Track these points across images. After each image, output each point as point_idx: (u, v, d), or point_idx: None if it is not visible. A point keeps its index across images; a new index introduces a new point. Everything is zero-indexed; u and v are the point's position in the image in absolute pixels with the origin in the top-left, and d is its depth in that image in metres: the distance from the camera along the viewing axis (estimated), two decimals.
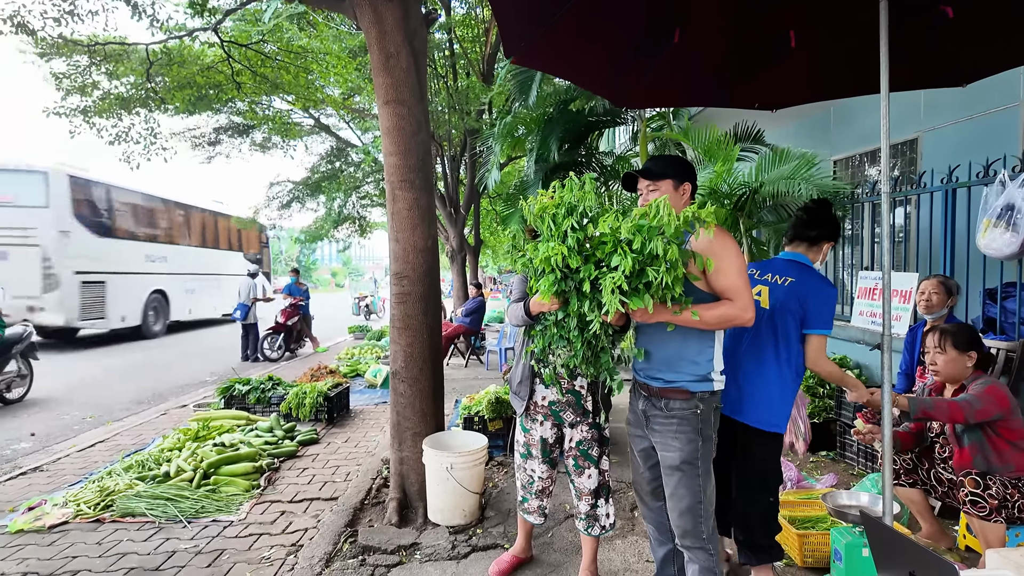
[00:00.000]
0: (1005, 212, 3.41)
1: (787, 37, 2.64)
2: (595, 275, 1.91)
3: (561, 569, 2.93)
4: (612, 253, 1.88)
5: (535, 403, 2.72)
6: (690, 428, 2.11)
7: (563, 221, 1.98)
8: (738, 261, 2.09)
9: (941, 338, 2.82)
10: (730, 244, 2.12)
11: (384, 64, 3.44)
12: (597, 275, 1.91)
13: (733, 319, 2.06)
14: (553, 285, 1.98)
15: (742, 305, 2.05)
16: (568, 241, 1.94)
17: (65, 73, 8.37)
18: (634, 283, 1.88)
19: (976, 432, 2.71)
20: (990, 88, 3.46)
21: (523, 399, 2.74)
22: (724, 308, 2.05)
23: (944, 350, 2.80)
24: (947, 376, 2.85)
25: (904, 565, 1.50)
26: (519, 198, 7.72)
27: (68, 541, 3.36)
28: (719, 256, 2.06)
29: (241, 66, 8.23)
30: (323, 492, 4.06)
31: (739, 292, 2.06)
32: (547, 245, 1.98)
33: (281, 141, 12.19)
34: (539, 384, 2.71)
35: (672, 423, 2.14)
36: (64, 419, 6.45)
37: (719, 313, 2.04)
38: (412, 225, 3.52)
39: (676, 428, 2.13)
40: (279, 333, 10.65)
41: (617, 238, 1.90)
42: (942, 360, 2.81)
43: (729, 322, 2.07)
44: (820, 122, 6.61)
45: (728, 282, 2.07)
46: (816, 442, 4.64)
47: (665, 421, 2.16)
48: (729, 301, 2.06)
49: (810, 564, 2.87)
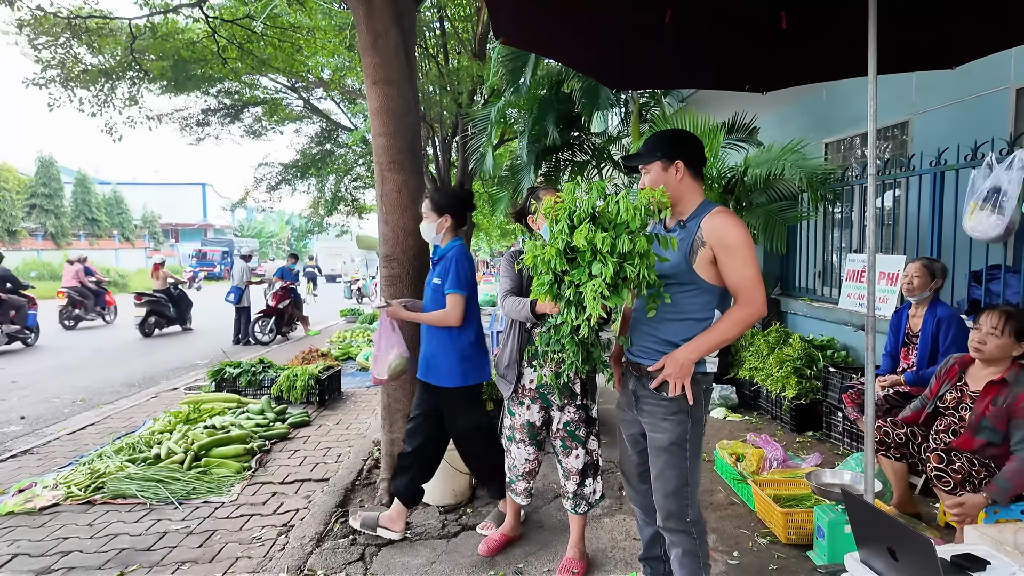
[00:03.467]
0: (992, 195, 3.43)
1: (778, 18, 2.63)
2: (578, 282, 1.91)
3: (550, 547, 2.98)
4: (592, 261, 1.88)
5: (523, 386, 2.74)
6: (679, 409, 2.06)
7: (559, 225, 1.96)
8: (743, 253, 1.97)
9: (1004, 322, 2.68)
10: (734, 234, 1.98)
11: (372, 43, 3.39)
12: (578, 283, 1.90)
13: (748, 321, 1.99)
14: (544, 287, 1.99)
15: (747, 301, 1.97)
16: (559, 245, 1.93)
17: (45, 45, 8.17)
18: (614, 282, 1.87)
19: (999, 434, 2.64)
20: (980, 71, 3.46)
21: (510, 382, 2.75)
22: (736, 316, 1.98)
23: (1002, 334, 2.67)
24: (990, 357, 2.72)
25: (883, 541, 1.53)
26: (511, 180, 7.71)
27: (59, 523, 3.37)
28: (720, 248, 1.97)
29: (227, 42, 8.08)
30: (314, 473, 4.09)
31: (743, 289, 1.97)
32: (535, 246, 2.00)
33: (271, 126, 12.01)
34: (527, 367, 2.72)
35: (662, 404, 2.08)
36: (54, 402, 6.44)
37: (733, 323, 1.98)
38: (402, 207, 3.50)
39: (665, 409, 2.08)
40: (270, 316, 10.63)
41: (595, 247, 1.88)
42: (994, 343, 2.68)
43: (747, 325, 2.01)
44: (812, 104, 6.59)
45: (735, 278, 1.98)
46: (802, 422, 4.70)
47: (655, 401, 2.10)
48: (737, 305, 1.99)
49: (794, 541, 2.92)
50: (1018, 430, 2.55)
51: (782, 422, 4.90)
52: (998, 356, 2.71)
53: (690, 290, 2.03)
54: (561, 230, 1.94)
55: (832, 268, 5.93)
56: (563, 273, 1.95)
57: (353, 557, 2.90)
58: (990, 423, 2.65)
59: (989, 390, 2.69)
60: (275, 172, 13.10)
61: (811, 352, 5.09)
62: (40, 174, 32.87)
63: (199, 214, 50.21)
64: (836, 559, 2.63)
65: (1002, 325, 2.67)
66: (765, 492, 3.16)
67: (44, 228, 33.25)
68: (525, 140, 6.99)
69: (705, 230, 2.00)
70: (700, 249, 2.00)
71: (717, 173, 5.69)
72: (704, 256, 1.99)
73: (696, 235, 2.01)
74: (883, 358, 3.90)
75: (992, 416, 2.65)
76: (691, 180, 2.10)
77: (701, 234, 2.00)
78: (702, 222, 2.02)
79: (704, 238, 2.00)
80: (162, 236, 43.82)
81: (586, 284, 1.87)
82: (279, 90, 11.22)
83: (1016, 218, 3.36)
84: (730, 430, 4.85)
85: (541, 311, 2.38)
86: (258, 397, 5.75)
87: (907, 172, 4.52)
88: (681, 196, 2.09)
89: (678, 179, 2.08)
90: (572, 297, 1.94)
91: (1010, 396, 2.61)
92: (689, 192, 2.10)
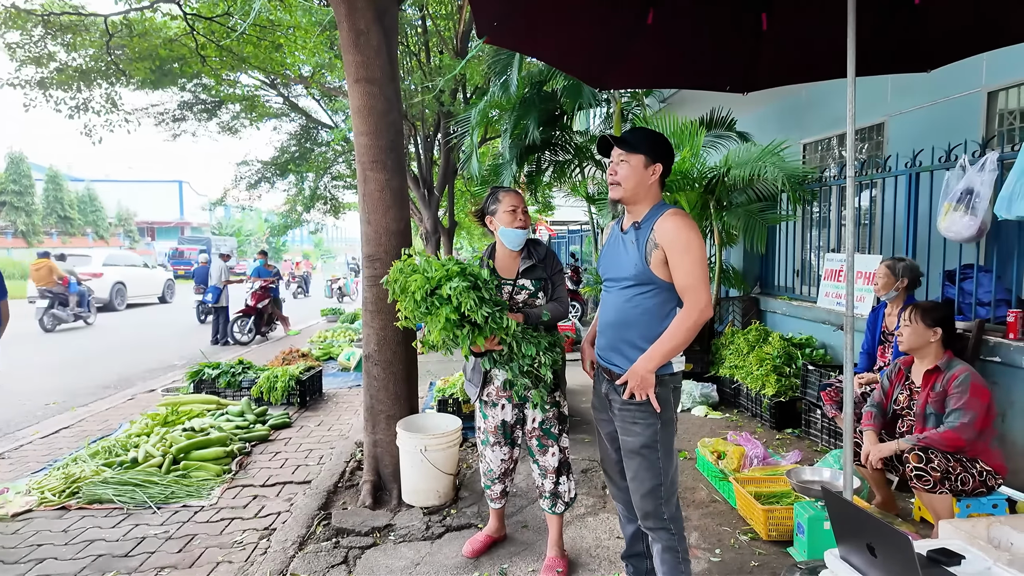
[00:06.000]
0: (965, 196, 3.51)
1: (759, 20, 2.66)
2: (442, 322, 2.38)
3: (534, 547, 2.98)
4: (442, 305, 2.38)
5: (494, 388, 2.72)
6: (648, 412, 2.09)
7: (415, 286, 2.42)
8: (691, 255, 2.02)
9: (912, 311, 2.96)
10: (683, 236, 2.03)
11: (354, 42, 3.36)
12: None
13: (693, 325, 2.02)
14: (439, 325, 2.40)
15: (692, 304, 2.02)
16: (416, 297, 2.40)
17: (19, 43, 7.99)
18: (469, 318, 2.36)
19: (942, 417, 2.81)
20: (954, 74, 3.54)
21: (476, 386, 2.74)
22: (682, 322, 2.02)
23: (911, 322, 2.94)
24: (909, 347, 2.98)
25: (862, 537, 1.55)
26: (494, 179, 7.70)
27: (32, 529, 3.29)
28: (670, 249, 2.03)
29: (205, 39, 7.95)
30: (296, 476, 4.04)
31: (689, 290, 2.02)
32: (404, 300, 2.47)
33: (249, 123, 11.83)
34: (495, 369, 2.69)
35: (631, 407, 2.12)
36: (26, 404, 6.28)
37: (681, 330, 2.02)
38: (384, 207, 3.48)
39: (635, 413, 2.11)
40: (249, 316, 10.47)
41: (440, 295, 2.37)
42: (908, 332, 2.95)
43: (693, 328, 2.03)
44: (792, 105, 6.68)
45: (683, 279, 2.03)
46: (781, 420, 4.77)
47: (624, 405, 2.14)
48: (683, 310, 2.04)
49: (774, 537, 2.96)
50: (948, 407, 2.78)
51: (762, 419, 4.96)
52: (917, 344, 2.95)
53: (649, 290, 2.09)
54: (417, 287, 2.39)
55: (810, 267, 6.02)
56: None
57: (336, 560, 2.88)
58: (933, 409, 2.86)
59: (927, 379, 2.93)
60: (254, 170, 12.92)
61: (790, 350, 5.16)
62: (10, 171, 32.01)
63: (176, 212, 49.33)
64: (816, 555, 2.67)
65: (910, 315, 2.96)
66: (746, 489, 3.19)
67: (14, 226, 32.43)
68: (508, 139, 6.99)
69: (658, 231, 2.06)
70: (654, 251, 2.07)
71: (698, 173, 5.74)
72: (658, 257, 2.06)
73: (650, 236, 2.08)
74: (860, 356, 3.96)
75: (933, 402, 2.85)
76: (657, 186, 2.18)
77: (654, 235, 2.07)
78: (655, 223, 2.08)
79: (656, 239, 2.06)
80: (137, 234, 42.98)
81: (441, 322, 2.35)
82: (258, 87, 11.06)
83: (988, 219, 3.44)
84: (711, 428, 4.90)
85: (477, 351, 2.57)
86: (238, 399, 5.68)
87: (883, 173, 4.60)
88: (644, 197, 2.16)
89: (651, 180, 2.15)
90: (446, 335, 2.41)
91: (944, 379, 2.86)
92: (651, 195, 2.17)
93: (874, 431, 3.04)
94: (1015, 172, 3.07)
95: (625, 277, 2.14)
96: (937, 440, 2.71)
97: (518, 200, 2.70)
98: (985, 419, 2.73)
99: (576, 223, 17.39)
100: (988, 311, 3.70)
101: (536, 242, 2.80)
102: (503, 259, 2.74)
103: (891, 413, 3.15)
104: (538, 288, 2.70)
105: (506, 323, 2.42)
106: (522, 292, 2.68)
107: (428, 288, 2.38)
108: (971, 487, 2.69)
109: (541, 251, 2.77)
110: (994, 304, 3.66)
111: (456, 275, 2.39)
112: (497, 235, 2.71)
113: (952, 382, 2.80)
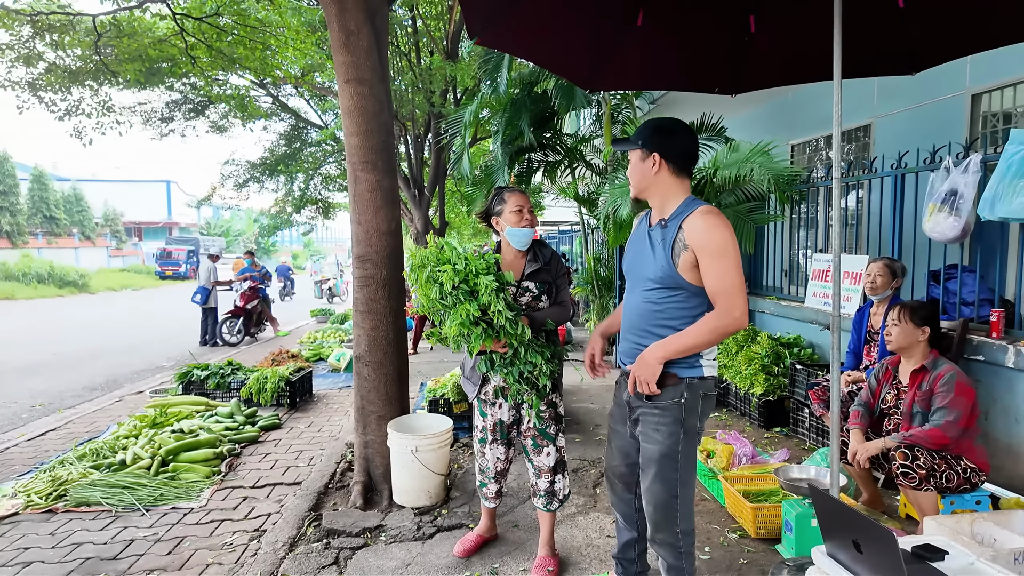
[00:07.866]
0: (949, 197, 3.56)
1: (747, 22, 2.69)
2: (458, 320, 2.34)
3: (525, 546, 2.99)
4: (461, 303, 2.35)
5: (493, 387, 2.73)
6: (671, 419, 1.94)
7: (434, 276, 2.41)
8: (726, 258, 1.84)
9: (900, 311, 2.99)
10: (717, 237, 1.84)
11: (344, 42, 3.36)
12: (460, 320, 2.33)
13: (723, 329, 1.85)
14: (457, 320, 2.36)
15: (725, 309, 1.84)
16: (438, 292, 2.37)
17: (8, 44, 7.91)
18: (486, 317, 2.36)
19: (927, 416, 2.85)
20: (938, 77, 3.58)
21: (475, 384, 2.74)
22: (712, 323, 1.85)
23: (900, 322, 2.97)
24: (898, 346, 3.01)
25: (848, 533, 1.58)
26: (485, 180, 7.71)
27: (19, 532, 3.26)
28: (701, 251, 1.85)
29: (195, 40, 7.90)
30: (286, 477, 4.03)
31: (723, 296, 1.84)
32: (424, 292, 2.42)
33: (238, 123, 11.77)
34: (490, 372, 2.67)
35: (654, 413, 1.97)
36: (12, 407, 6.21)
37: (709, 330, 1.85)
38: (375, 207, 3.48)
39: (658, 419, 1.96)
40: (238, 317, 10.41)
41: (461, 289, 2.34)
42: (896, 331, 2.98)
43: (723, 334, 1.87)
44: (779, 107, 6.74)
45: (715, 284, 1.85)
46: (770, 418, 4.81)
47: (648, 411, 1.99)
48: (715, 313, 1.86)
49: (763, 535, 2.99)
50: (934, 405, 2.82)
51: (751, 418, 5.01)
52: (906, 343, 2.98)
53: (677, 295, 1.93)
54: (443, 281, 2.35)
55: (798, 267, 6.07)
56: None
57: (327, 561, 2.87)
58: (919, 408, 2.89)
59: (914, 379, 2.96)
60: (243, 169, 12.84)
61: (778, 350, 5.21)
62: None
63: (163, 212, 48.88)
64: (804, 552, 2.70)
65: (899, 314, 2.99)
66: (735, 487, 3.22)
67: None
68: (499, 140, 7.00)
69: (687, 231, 1.88)
70: (683, 252, 1.88)
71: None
72: (687, 259, 1.87)
73: (678, 236, 1.90)
74: (846, 355, 4.01)
75: (920, 401, 2.89)
76: (670, 175, 1.97)
77: (683, 235, 1.88)
78: (683, 222, 1.90)
79: (686, 240, 1.87)
80: (125, 234, 42.55)
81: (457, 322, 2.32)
82: (248, 87, 11.00)
83: (972, 220, 3.48)
84: None
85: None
86: (227, 400, 5.64)
87: (869, 174, 4.65)
88: (657, 191, 1.99)
89: (653, 172, 1.96)
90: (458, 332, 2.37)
91: (930, 379, 2.89)
92: (669, 188, 1.98)
93: (861, 430, 3.07)
94: (998, 174, 3.12)
95: (649, 278, 1.97)
96: (922, 438, 2.75)
97: (524, 200, 2.69)
98: (969, 417, 2.78)
99: (567, 223, 17.42)
100: (972, 310, 3.75)
101: (542, 244, 2.80)
102: (508, 260, 2.72)
103: (878, 412, 3.19)
104: (542, 291, 2.68)
105: (521, 329, 2.41)
106: (526, 294, 2.66)
107: (456, 280, 2.33)
108: (955, 484, 2.72)
109: (547, 253, 2.75)
110: (978, 303, 3.72)
111: (483, 272, 2.36)
112: (503, 235, 2.69)
113: (938, 381, 2.84)
